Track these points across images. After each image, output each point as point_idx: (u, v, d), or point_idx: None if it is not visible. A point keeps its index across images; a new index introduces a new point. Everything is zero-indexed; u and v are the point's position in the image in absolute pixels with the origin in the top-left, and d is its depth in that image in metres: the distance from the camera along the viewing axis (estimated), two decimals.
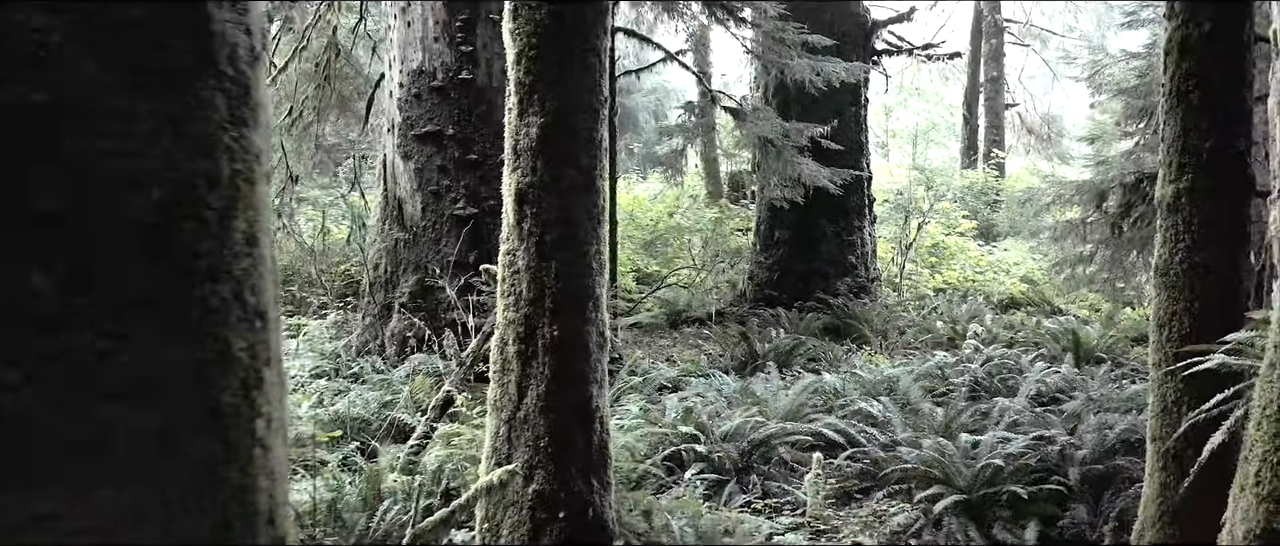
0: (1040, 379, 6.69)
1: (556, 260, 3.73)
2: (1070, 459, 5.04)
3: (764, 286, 10.33)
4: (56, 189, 1.14)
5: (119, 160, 1.18)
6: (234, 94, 1.28)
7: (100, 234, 1.17)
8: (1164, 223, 3.79)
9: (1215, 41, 3.68)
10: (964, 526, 4.71)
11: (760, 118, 7.15)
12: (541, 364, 3.74)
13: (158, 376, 1.20)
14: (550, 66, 3.70)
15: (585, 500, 3.77)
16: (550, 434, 3.73)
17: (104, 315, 1.17)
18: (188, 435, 1.23)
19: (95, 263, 1.16)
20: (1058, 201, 7.25)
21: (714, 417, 5.51)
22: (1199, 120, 3.69)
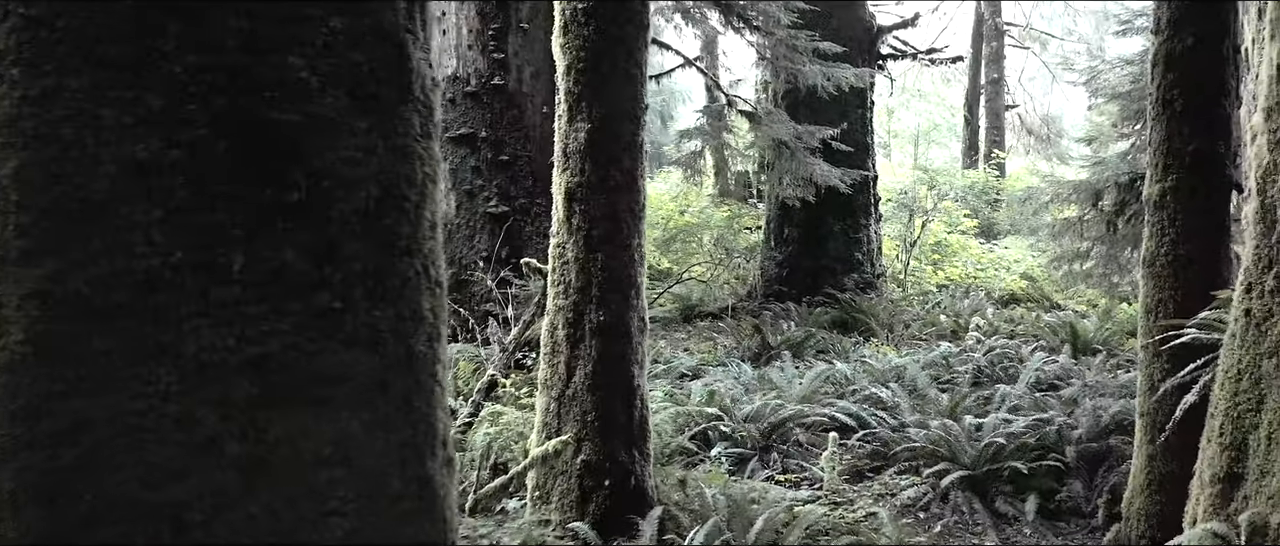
0: (1039, 368, 7.08)
1: (602, 252, 4.13)
2: (1067, 438, 5.44)
3: (774, 282, 10.72)
4: (304, 185, 1.54)
5: (347, 165, 1.57)
6: (423, 114, 1.68)
7: (334, 220, 1.56)
8: (1151, 218, 4.18)
9: (1198, 54, 4.08)
10: (969, 499, 5.11)
11: (774, 121, 7.54)
12: (588, 346, 4.14)
13: (374, 329, 1.60)
14: (596, 77, 4.10)
15: (628, 470, 4.17)
16: (596, 409, 4.14)
17: (338, 282, 1.56)
18: (393, 374, 1.63)
19: (331, 242, 1.56)
20: (1056, 200, 7.64)
21: (735, 401, 5.91)
22: (1183, 125, 4.09)
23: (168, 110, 1.50)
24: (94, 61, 1.51)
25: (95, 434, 1.54)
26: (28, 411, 1.55)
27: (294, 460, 1.55)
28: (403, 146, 1.64)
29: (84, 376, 1.53)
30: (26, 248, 1.53)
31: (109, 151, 1.51)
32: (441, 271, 1.74)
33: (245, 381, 1.52)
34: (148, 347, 1.51)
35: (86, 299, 1.52)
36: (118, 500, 1.54)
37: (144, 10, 1.49)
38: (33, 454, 1.55)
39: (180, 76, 1.50)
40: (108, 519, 1.54)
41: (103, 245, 1.51)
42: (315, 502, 1.58)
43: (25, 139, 1.53)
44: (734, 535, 4.06)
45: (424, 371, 1.69)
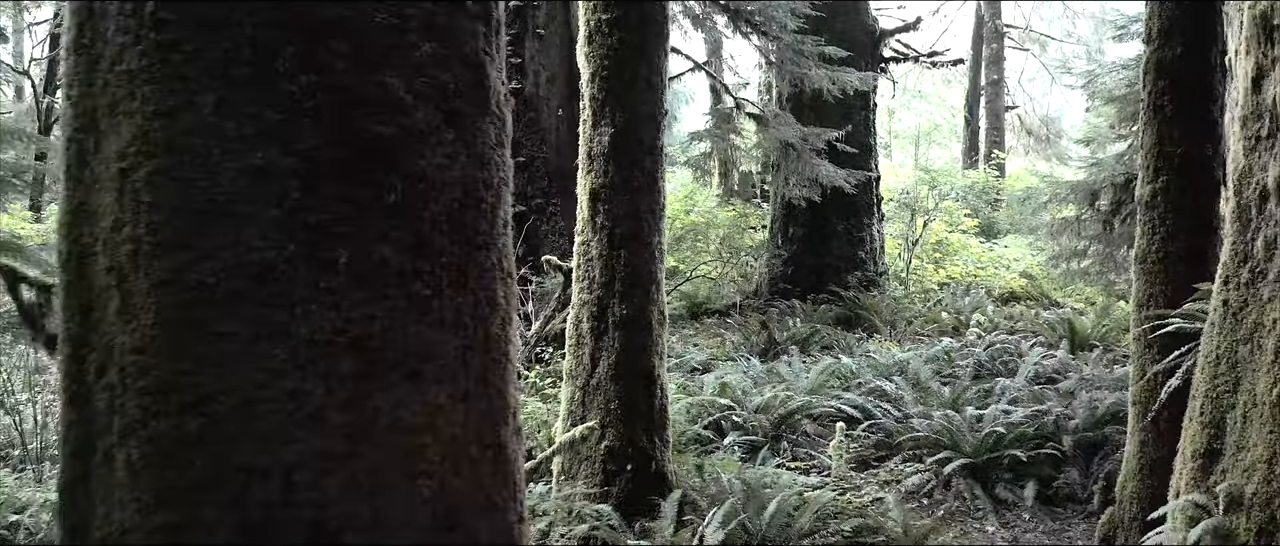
0: (1038, 362, 7.33)
1: (625, 249, 4.37)
2: (1064, 428, 5.68)
3: (779, 280, 10.96)
4: (401, 188, 1.77)
5: (436, 171, 1.81)
6: (497, 126, 1.91)
7: (425, 219, 1.80)
8: (1143, 218, 4.42)
9: (1186, 62, 4.32)
10: (970, 486, 5.36)
11: (782, 123, 7.77)
12: (612, 338, 4.38)
13: (458, 313, 1.83)
14: (619, 85, 4.34)
15: (649, 455, 4.41)
16: (619, 398, 4.37)
17: (428, 272, 1.80)
18: (473, 353, 1.86)
19: (422, 238, 1.79)
20: (1054, 200, 7.88)
21: (746, 393, 6.15)
22: (1172, 129, 4.33)
23: (283, 123, 1.73)
24: (219, 80, 1.74)
25: (216, 406, 1.77)
26: (156, 387, 1.78)
27: (390, 428, 1.79)
28: (482, 154, 1.87)
29: (207, 355, 1.76)
30: (157, 242, 1.76)
31: (232, 159, 1.74)
32: (512, 263, 1.98)
33: (349, 359, 1.76)
34: (264, 329, 1.75)
35: (210, 287, 1.75)
36: (234, 464, 1.77)
37: (263, 36, 1.73)
38: (160, 424, 1.78)
39: (294, 93, 1.73)
40: (222, 481, 1.77)
41: (225, 240, 1.75)
42: (407, 465, 1.81)
43: (156, 148, 1.77)
44: (748, 516, 4.30)
45: (498, 351, 1.92)
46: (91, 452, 1.90)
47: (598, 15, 4.30)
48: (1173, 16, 4.34)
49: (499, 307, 1.92)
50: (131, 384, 1.79)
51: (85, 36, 1.89)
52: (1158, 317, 3.75)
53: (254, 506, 1.76)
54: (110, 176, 1.83)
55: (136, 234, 1.77)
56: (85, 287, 1.90)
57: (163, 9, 1.75)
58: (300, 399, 1.75)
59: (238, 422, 1.75)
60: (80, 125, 1.90)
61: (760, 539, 4.24)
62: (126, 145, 1.79)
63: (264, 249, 1.73)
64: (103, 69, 1.84)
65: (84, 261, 1.90)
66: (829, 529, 4.46)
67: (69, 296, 1.93)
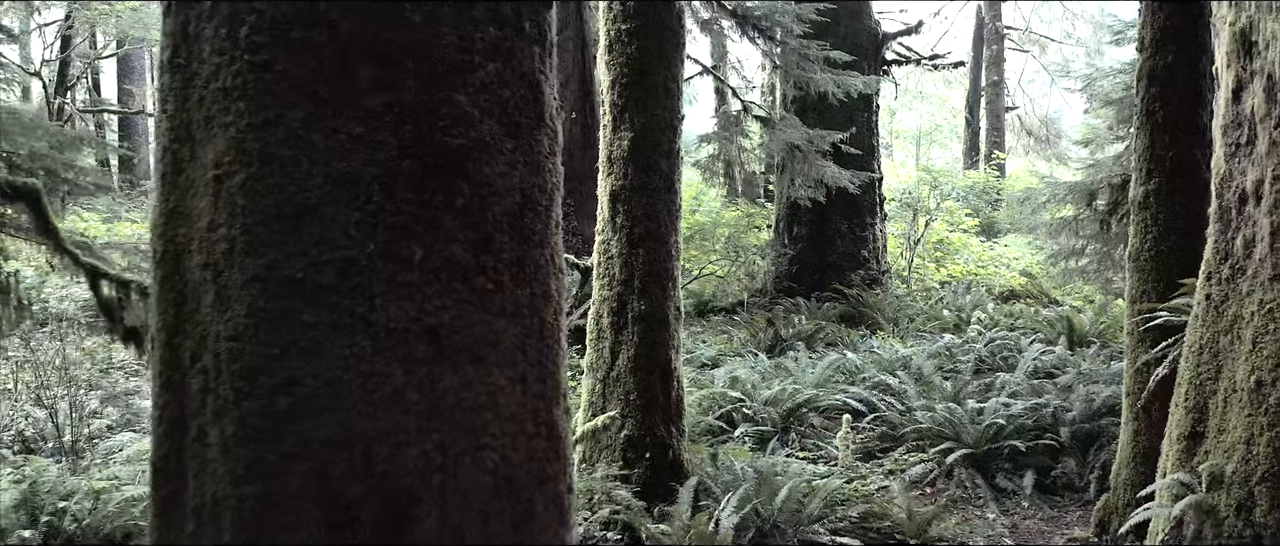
0: (1037, 358, 7.54)
1: (643, 248, 4.59)
2: (1061, 420, 5.90)
3: (784, 278, 11.18)
4: (468, 193, 1.99)
5: (498, 177, 2.03)
6: (551, 136, 2.13)
7: (489, 220, 2.01)
8: (1136, 218, 4.63)
9: (1177, 71, 4.53)
10: (972, 475, 5.58)
11: (788, 126, 7.99)
12: (631, 332, 4.60)
13: (517, 304, 2.05)
14: (639, 92, 4.55)
15: (666, 444, 4.63)
16: (638, 389, 4.59)
17: (492, 267, 2.01)
18: (530, 340, 2.08)
19: (487, 237, 2.01)
20: (1053, 200, 8.10)
21: (755, 387, 6.37)
22: (1164, 134, 4.55)
23: (365, 135, 1.95)
24: (307, 97, 1.96)
25: (303, 387, 1.98)
26: (249, 371, 2.00)
27: (458, 406, 2.01)
28: (537, 162, 2.09)
29: (295, 342, 1.98)
30: (251, 242, 1.98)
31: (319, 167, 1.96)
32: (562, 259, 2.20)
33: (423, 345, 1.98)
34: (347, 319, 1.96)
35: (298, 281, 1.97)
36: (319, 439, 1.99)
37: (347, 56, 1.95)
38: (252, 403, 2.00)
39: (375, 109, 1.95)
40: (308, 454, 1.99)
41: (312, 239, 1.97)
42: (473, 439, 2.03)
43: (250, 157, 1.99)
44: (761, 502, 4.52)
45: (552, 338, 2.14)
46: (185, 430, 2.13)
47: (618, 25, 4.51)
48: (1165, 27, 4.55)
49: (552, 299, 2.14)
50: (225, 368, 2.02)
51: (180, 56, 2.11)
52: (1149, 312, 3.97)
53: (336, 477, 1.97)
54: (206, 182, 2.05)
55: (231, 234, 1.99)
56: (179, 282, 2.12)
57: (256, 33, 1.97)
58: (379, 380, 1.97)
59: (323, 402, 1.97)
60: (175, 136, 2.13)
61: (773, 523, 4.46)
62: (221, 154, 2.01)
63: (348, 247, 1.95)
64: (198, 86, 2.07)
65: (179, 258, 2.13)
66: (837, 514, 4.68)
67: (164, 290, 2.16)
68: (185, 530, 2.13)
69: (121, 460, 5.29)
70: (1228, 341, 2.92)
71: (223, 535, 2.04)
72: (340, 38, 1.94)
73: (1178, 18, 4.46)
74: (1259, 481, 2.74)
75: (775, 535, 4.44)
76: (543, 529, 2.16)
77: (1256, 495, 2.75)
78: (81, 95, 20.22)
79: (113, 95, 23.51)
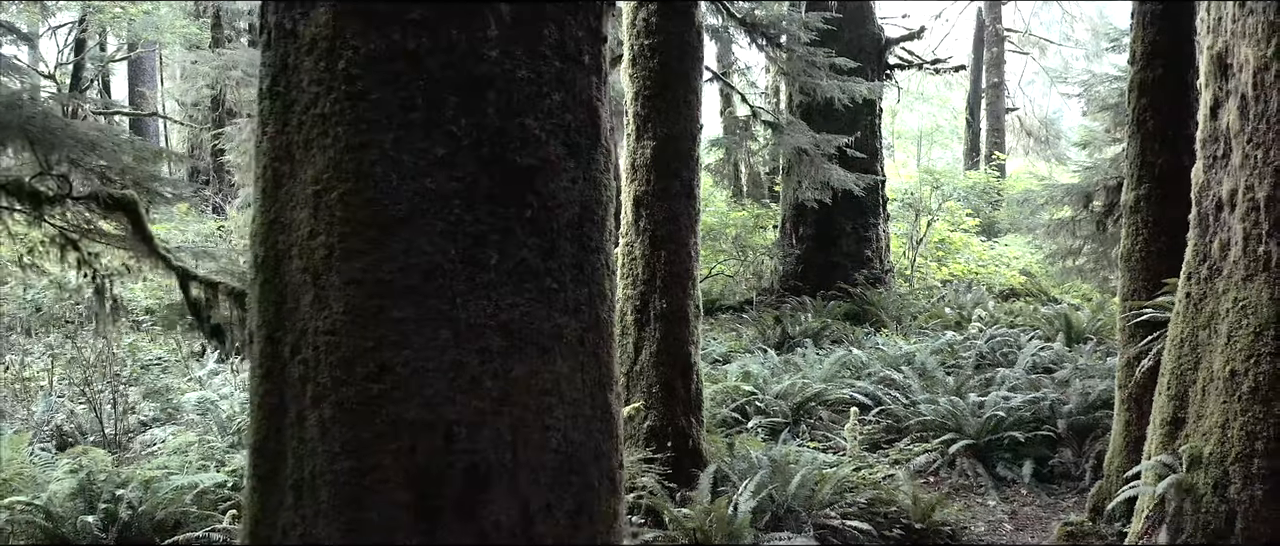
0: (1035, 354, 7.83)
1: (665, 250, 4.89)
2: (1058, 413, 6.20)
3: (790, 277, 11.48)
4: (536, 206, 2.29)
5: (561, 192, 2.32)
6: (605, 154, 2.42)
7: (554, 229, 2.31)
8: (1127, 221, 4.93)
9: (1166, 83, 4.82)
10: (973, 465, 5.88)
11: (795, 130, 8.28)
12: (653, 329, 4.89)
13: (577, 302, 2.35)
14: (661, 103, 4.85)
15: (686, 433, 4.93)
16: (660, 383, 4.89)
17: (556, 270, 2.31)
18: (588, 333, 2.38)
19: (552, 244, 2.31)
20: (1050, 202, 8.39)
21: (766, 381, 6.66)
22: (1153, 142, 4.84)
23: (448, 156, 2.24)
24: (397, 123, 2.25)
25: (394, 375, 2.28)
26: (345, 361, 2.30)
27: (527, 392, 2.30)
28: (594, 178, 2.39)
29: (386, 336, 2.27)
30: (348, 248, 2.28)
31: (407, 184, 2.25)
32: (613, 262, 2.49)
33: (497, 337, 2.27)
34: (431, 315, 2.26)
35: (389, 283, 2.27)
36: (406, 421, 2.28)
37: (433, 89, 2.24)
38: (348, 389, 2.30)
39: (457, 133, 2.25)
40: (397, 434, 2.28)
41: (401, 246, 2.26)
42: (540, 420, 2.33)
43: (347, 174, 2.28)
44: (775, 488, 4.81)
45: (606, 331, 2.44)
46: (284, 414, 2.42)
47: (641, 41, 4.80)
48: (1154, 42, 4.85)
49: (606, 298, 2.43)
50: (324, 359, 2.31)
51: (279, 85, 2.41)
52: (1136, 309, 4.27)
53: (421, 454, 2.27)
54: (305, 196, 2.35)
55: (330, 241, 2.29)
56: (279, 284, 2.42)
57: (352, 67, 2.26)
58: (460, 369, 2.26)
59: (410, 388, 2.26)
60: (275, 155, 2.42)
61: (786, 507, 4.75)
62: (320, 172, 2.31)
63: (433, 253, 2.24)
64: (297, 111, 2.36)
65: (279, 263, 2.42)
66: (846, 500, 4.97)
67: (264, 291, 2.45)
68: (284, 503, 2.42)
69: (167, 451, 5.59)
70: (1206, 335, 3.21)
71: (320, 506, 2.34)
72: (429, 72, 2.23)
73: (1166, 34, 4.75)
74: (1233, 461, 3.03)
75: (789, 519, 4.74)
76: (599, 500, 2.46)
77: (1231, 474, 3.04)
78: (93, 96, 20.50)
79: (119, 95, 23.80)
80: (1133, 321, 4.29)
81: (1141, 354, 3.95)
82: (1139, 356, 4.05)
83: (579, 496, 2.42)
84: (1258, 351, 2.97)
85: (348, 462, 2.29)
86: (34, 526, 4.75)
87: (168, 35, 18.25)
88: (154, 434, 6.56)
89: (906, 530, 4.92)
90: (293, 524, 2.38)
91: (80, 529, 4.69)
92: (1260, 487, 2.97)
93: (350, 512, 2.29)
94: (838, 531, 4.68)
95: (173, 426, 6.47)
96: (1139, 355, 4.03)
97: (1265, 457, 2.95)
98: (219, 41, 17.69)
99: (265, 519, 2.46)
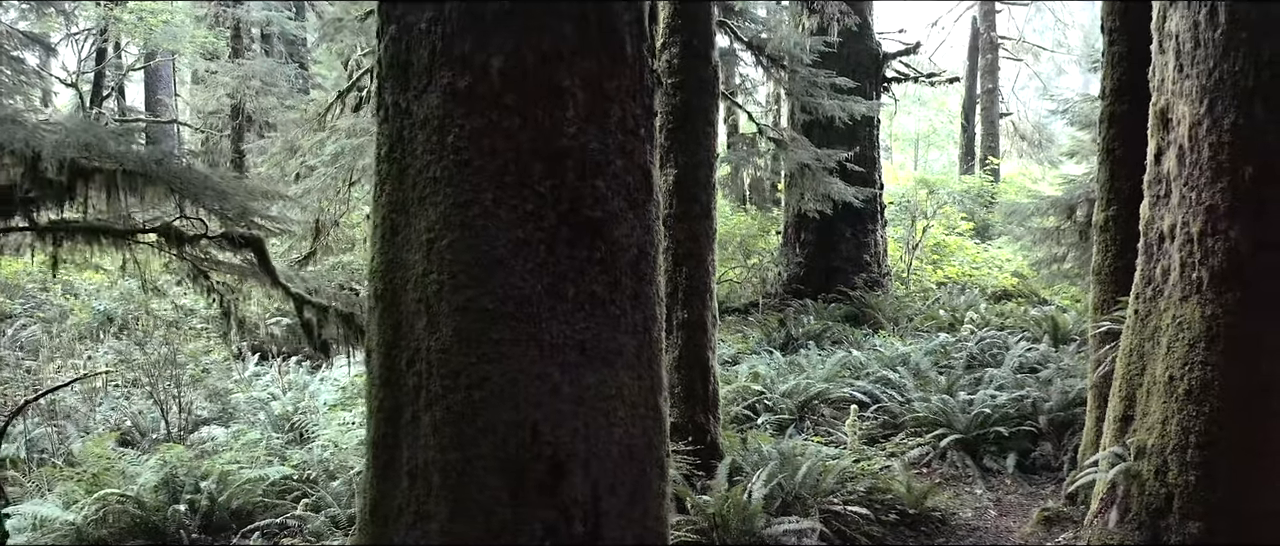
0: (1022, 354, 8.43)
1: (685, 266, 5.48)
2: (1040, 409, 6.80)
3: (792, 281, 12.10)
4: (603, 250, 2.88)
5: (623, 238, 2.92)
6: (656, 206, 3.02)
7: (618, 268, 2.91)
8: (1098, 238, 5.52)
9: (1133, 116, 5.40)
10: (962, 457, 6.48)
11: (799, 147, 8.87)
12: (676, 337, 5.49)
13: (635, 325, 2.95)
14: (682, 135, 5.44)
15: (705, 429, 5.53)
16: (682, 384, 5.49)
17: (619, 300, 2.91)
18: (644, 349, 2.97)
19: (616, 280, 2.90)
20: (1037, 213, 9.00)
21: (773, 381, 7.27)
22: (1121, 169, 5.43)
23: (535, 211, 2.84)
24: (496, 184, 2.85)
25: (492, 384, 2.87)
26: (453, 373, 2.89)
27: (597, 397, 2.90)
28: (648, 225, 2.99)
29: (486, 353, 2.87)
30: (455, 283, 2.87)
31: (503, 233, 2.85)
32: (662, 291, 3.09)
33: (574, 354, 2.87)
34: (522, 336, 2.85)
35: (489, 311, 2.86)
36: (502, 420, 2.87)
37: (523, 158, 2.84)
38: (455, 396, 2.89)
39: (542, 193, 2.84)
40: (494, 430, 2.88)
41: (499, 282, 2.86)
42: (606, 420, 2.93)
43: (453, 225, 2.88)
44: (784, 478, 5.41)
45: (657, 347, 3.04)
46: (400, 415, 3.02)
47: (664, 79, 5.40)
48: (1121, 79, 5.44)
49: (657, 320, 3.04)
50: (435, 371, 2.91)
51: (396, 153, 3.02)
52: (1097, 323, 4.89)
53: (513, 446, 2.86)
54: (419, 242, 2.95)
55: (440, 278, 2.89)
56: (396, 312, 3.02)
57: (459, 140, 2.86)
58: (544, 379, 2.86)
59: (505, 394, 2.86)
60: (392, 209, 3.03)
61: (794, 495, 5.36)
62: (432, 223, 2.91)
63: (523, 287, 2.84)
64: (411, 174, 2.97)
65: (396, 295, 3.03)
66: (848, 488, 5.57)
67: (383, 317, 3.05)
68: (400, 486, 3.03)
69: (236, 447, 6.18)
70: (1150, 346, 3.80)
71: (432, 488, 2.94)
72: (520, 145, 2.83)
73: (1131, 74, 5.34)
74: (1171, 452, 3.62)
75: (797, 505, 5.34)
76: (651, 483, 3.06)
77: (1169, 462, 3.63)
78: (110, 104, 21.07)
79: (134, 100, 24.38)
80: (1099, 331, 4.90)
81: (1101, 360, 4.56)
82: (1099, 362, 4.66)
83: (636, 479, 3.02)
84: (1192, 360, 3.57)
85: (454, 454, 2.90)
86: (127, 514, 5.35)
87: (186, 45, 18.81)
88: (207, 431, 7.16)
89: (901, 515, 5.53)
90: (408, 503, 2.98)
91: (170, 517, 5.29)
92: (1193, 473, 3.57)
93: (456, 493, 2.89)
94: (840, 516, 5.28)
95: (228, 425, 7.07)
96: (1100, 360, 4.65)
97: (1197, 449, 3.55)
98: (238, 52, 18.25)
99: (383, 500, 3.07)
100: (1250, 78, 3.49)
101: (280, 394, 7.69)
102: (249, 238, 3.36)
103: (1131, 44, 5.42)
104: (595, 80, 2.89)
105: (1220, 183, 3.53)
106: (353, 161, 9.95)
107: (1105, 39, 5.65)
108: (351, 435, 6.22)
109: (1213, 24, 3.56)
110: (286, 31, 20.37)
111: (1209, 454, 3.54)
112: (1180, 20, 3.70)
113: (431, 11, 2.92)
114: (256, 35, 20.69)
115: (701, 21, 5.40)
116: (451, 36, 2.88)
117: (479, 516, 2.87)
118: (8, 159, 3.13)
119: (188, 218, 3.41)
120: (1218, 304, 3.53)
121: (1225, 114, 3.54)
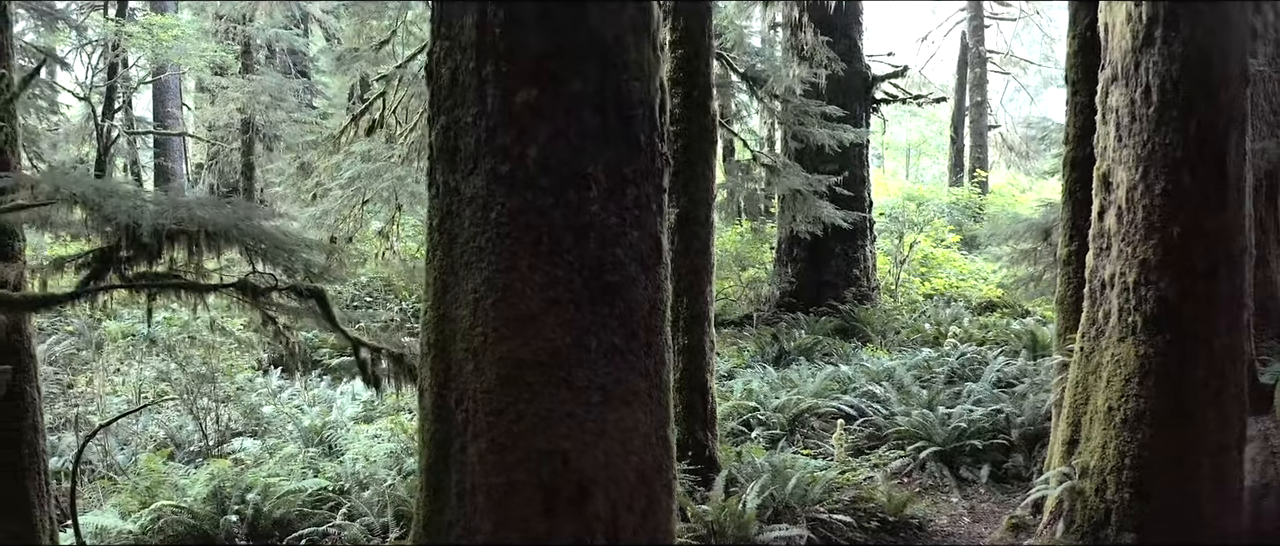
0: (1000, 369, 9.01)
1: (687, 296, 6.04)
2: (1013, 423, 7.37)
3: (785, 295, 12.67)
4: (621, 308, 3.43)
5: (638, 296, 3.46)
6: (665, 267, 3.58)
7: (633, 321, 3.45)
8: (1061, 273, 6.08)
9: (1092, 162, 5.97)
10: (940, 468, 7.05)
11: (790, 172, 9.43)
12: (677, 360, 6.04)
13: (648, 369, 3.50)
14: (683, 178, 5.99)
15: (703, 445, 6.08)
16: (682, 404, 6.04)
17: (635, 348, 3.46)
18: (655, 390, 3.53)
19: (633, 331, 3.45)
20: (1014, 236, 9.58)
21: (766, 397, 7.83)
22: (1081, 210, 5.98)
23: (562, 276, 3.39)
24: (531, 252, 3.40)
25: (529, 419, 3.42)
26: (496, 410, 3.44)
27: (616, 431, 3.45)
28: (659, 283, 3.54)
29: (523, 393, 3.41)
30: (498, 336, 3.42)
31: (537, 293, 3.40)
32: (669, 337, 3.65)
33: (597, 395, 3.42)
34: (553, 381, 3.40)
35: (526, 359, 3.41)
36: (537, 450, 3.42)
37: (555, 231, 3.38)
38: (498, 429, 3.44)
39: (570, 260, 3.39)
40: (531, 459, 3.42)
41: (533, 334, 3.40)
42: (623, 450, 3.48)
43: (495, 287, 3.43)
44: (775, 489, 5.98)
45: (666, 386, 3.59)
46: (449, 445, 3.57)
47: (668, 128, 5.94)
48: (1083, 127, 6.00)
49: (666, 364, 3.59)
50: (480, 409, 3.46)
51: (446, 224, 3.57)
52: (1060, 352, 5.46)
53: (546, 472, 3.41)
54: (467, 300, 3.50)
55: (485, 331, 3.44)
56: (446, 358, 3.57)
57: (500, 217, 3.41)
58: (573, 416, 3.41)
59: (540, 429, 3.41)
60: (444, 271, 3.58)
61: (784, 504, 5.92)
62: (478, 285, 3.46)
63: (555, 340, 3.39)
64: (460, 242, 3.51)
65: (446, 345, 3.57)
66: (834, 498, 6.14)
67: (435, 363, 3.60)
68: (449, 504, 3.58)
69: (275, 460, 6.73)
70: (1093, 379, 4.36)
71: (477, 506, 3.48)
72: (552, 221, 3.37)
73: (1092, 123, 5.89)
74: (1109, 472, 4.19)
75: (787, 513, 5.90)
76: (660, 502, 3.62)
77: (1108, 482, 4.19)
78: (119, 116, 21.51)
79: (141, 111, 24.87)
80: (1056, 362, 5.48)
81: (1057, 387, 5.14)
82: (1055, 389, 5.24)
83: (648, 499, 3.58)
84: (1127, 393, 4.14)
85: (497, 478, 3.44)
86: (180, 524, 5.89)
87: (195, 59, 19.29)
88: (238, 442, 7.70)
89: (882, 522, 6.10)
90: (457, 518, 3.54)
91: (221, 526, 5.83)
92: (1128, 491, 4.14)
93: (500, 510, 3.44)
94: (826, 524, 5.85)
95: (258, 437, 7.61)
96: (1060, 386, 5.23)
97: (1131, 470, 4.12)
98: (248, 67, 18.78)
99: (435, 516, 3.62)
100: (1179, 150, 4.05)
101: (307, 408, 8.23)
102: (314, 290, 3.89)
103: (1093, 95, 5.98)
104: (614, 166, 3.44)
105: (1152, 240, 4.09)
106: (367, 184, 10.50)
107: (1068, 89, 6.22)
108: (378, 448, 6.77)
109: (1147, 102, 4.13)
110: (292, 46, 20.90)
111: (1142, 474, 4.11)
112: (1120, 97, 4.26)
113: (476, 107, 3.47)
114: (261, 45, 21.17)
115: (701, 75, 5.95)
116: (494, 129, 3.42)
117: (518, 529, 3.42)
118: (109, 227, 3.68)
119: (258, 272, 3.96)
120: (1149, 345, 4.09)
121: (1157, 180, 4.10)
